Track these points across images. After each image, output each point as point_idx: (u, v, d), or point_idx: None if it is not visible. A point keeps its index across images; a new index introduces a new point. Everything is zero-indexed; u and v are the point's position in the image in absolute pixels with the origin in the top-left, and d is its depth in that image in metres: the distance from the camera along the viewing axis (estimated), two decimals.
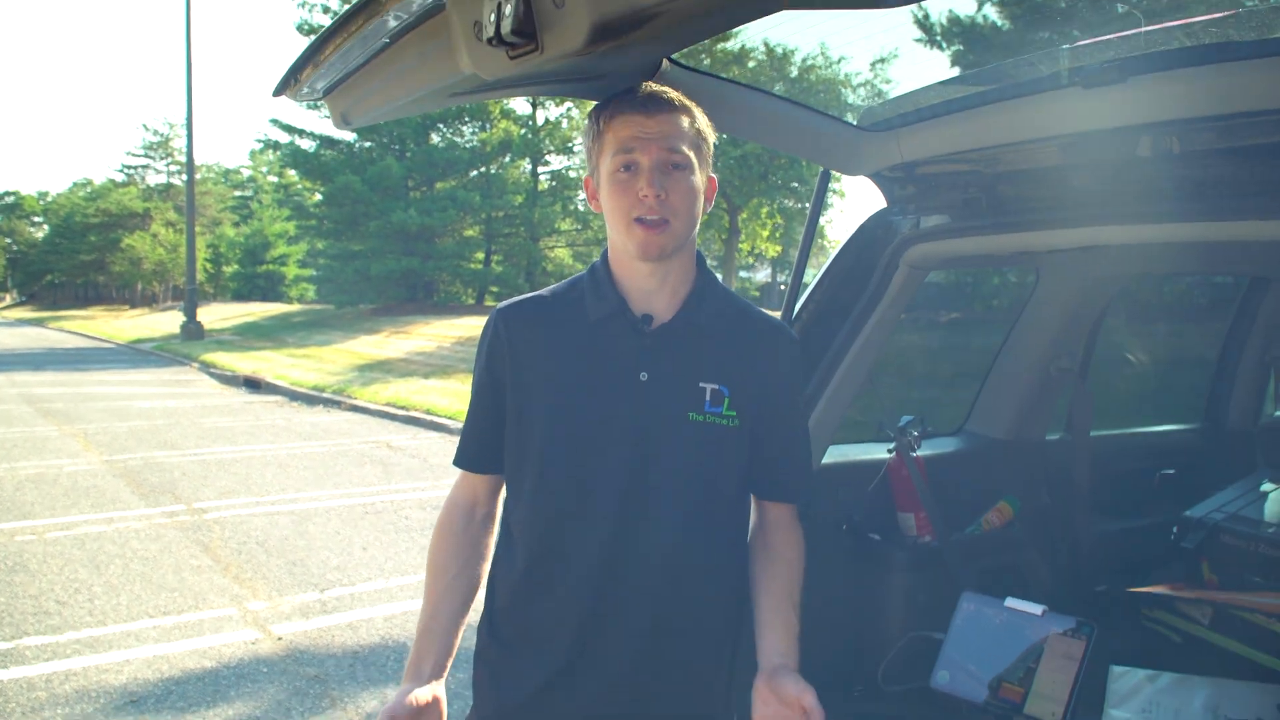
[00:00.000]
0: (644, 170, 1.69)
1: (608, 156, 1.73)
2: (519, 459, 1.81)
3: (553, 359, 1.78)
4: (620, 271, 1.81)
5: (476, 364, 1.87)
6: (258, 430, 13.00)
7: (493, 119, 35.53)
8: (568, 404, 1.76)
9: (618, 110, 1.73)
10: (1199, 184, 1.96)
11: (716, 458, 1.79)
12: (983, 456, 3.30)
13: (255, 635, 5.41)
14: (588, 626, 1.77)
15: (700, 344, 1.79)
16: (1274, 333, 4.00)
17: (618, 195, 1.72)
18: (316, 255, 41.44)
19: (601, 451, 1.74)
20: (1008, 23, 16.13)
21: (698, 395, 1.77)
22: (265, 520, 7.95)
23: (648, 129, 1.69)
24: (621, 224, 1.72)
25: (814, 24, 3.19)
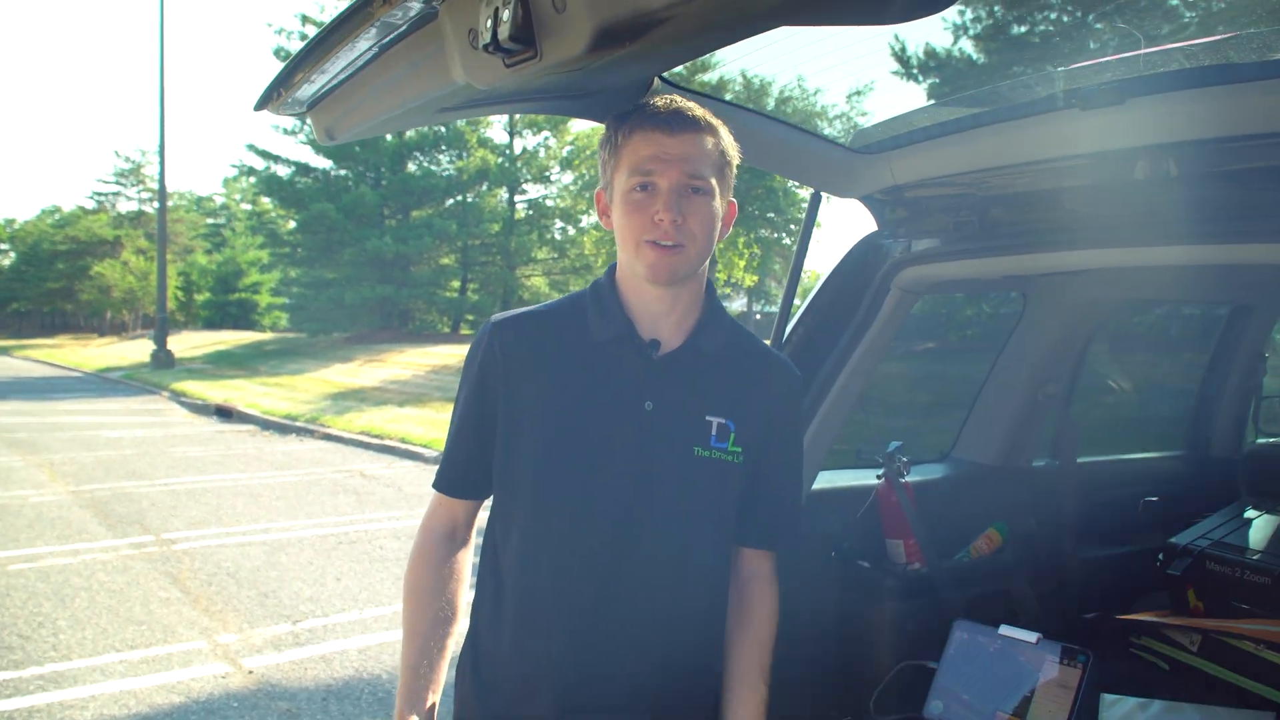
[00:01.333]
0: (662, 193, 1.61)
1: (624, 173, 1.64)
2: (509, 485, 1.72)
3: (551, 379, 1.69)
4: (628, 293, 1.72)
5: (464, 380, 1.77)
6: (229, 459, 12.83)
7: (470, 147, 35.60)
8: (566, 429, 1.67)
9: (638, 125, 1.63)
10: (1195, 207, 1.95)
11: (720, 495, 1.72)
12: (970, 483, 3.27)
13: (225, 669, 5.29)
14: (582, 671, 1.67)
15: (707, 375, 1.72)
16: (1255, 361, 4.01)
17: (631, 215, 1.63)
18: (290, 283, 41.19)
19: (600, 483, 1.66)
20: (983, 56, 16.33)
21: (704, 429, 1.70)
22: (236, 551, 7.82)
23: (669, 149, 1.60)
24: (631, 244, 1.64)
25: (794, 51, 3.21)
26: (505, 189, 37.34)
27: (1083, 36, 11.86)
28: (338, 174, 35.85)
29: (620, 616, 1.66)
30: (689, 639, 1.73)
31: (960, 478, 3.30)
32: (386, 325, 35.82)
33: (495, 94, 1.80)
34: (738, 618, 1.82)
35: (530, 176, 37.15)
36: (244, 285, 48.22)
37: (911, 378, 13.49)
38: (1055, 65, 2.10)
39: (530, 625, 1.69)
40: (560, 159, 36.06)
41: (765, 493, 1.80)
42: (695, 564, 1.71)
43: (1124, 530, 3.67)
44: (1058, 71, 1.95)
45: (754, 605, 1.83)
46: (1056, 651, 2.23)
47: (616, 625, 1.66)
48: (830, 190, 2.44)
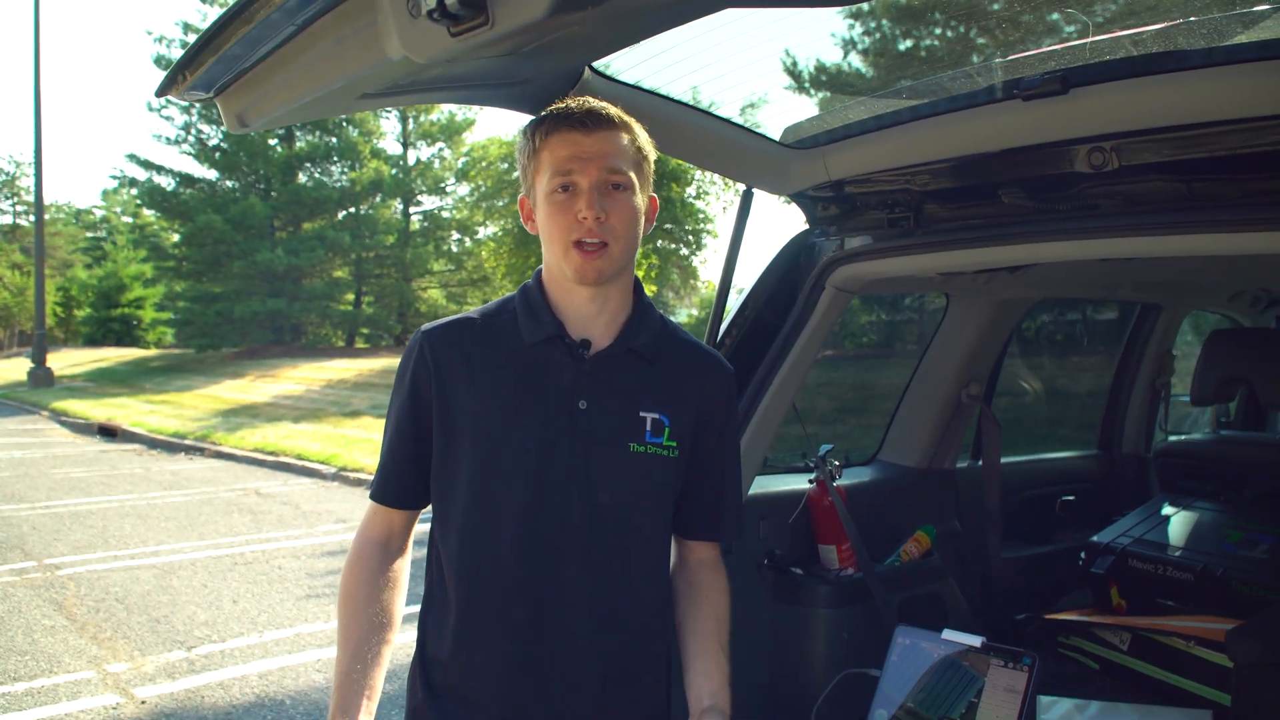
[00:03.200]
0: (583, 191, 1.60)
1: (544, 176, 1.63)
2: (447, 491, 1.69)
3: (484, 384, 1.67)
4: (556, 294, 1.72)
5: (396, 390, 1.73)
6: (114, 480, 12.27)
7: (363, 158, 34.94)
8: (501, 433, 1.65)
9: (555, 127, 1.63)
10: (1135, 200, 1.93)
11: (658, 490, 1.73)
12: (897, 485, 3.25)
13: (116, 699, 5.01)
14: (526, 673, 1.65)
15: (639, 372, 1.72)
16: (1162, 360, 4.10)
17: (555, 217, 1.62)
18: (175, 298, 39.67)
19: (537, 484, 1.64)
20: (872, 70, 16.62)
21: (638, 425, 1.70)
22: (125, 575, 7.44)
23: (586, 148, 1.60)
24: (559, 247, 1.63)
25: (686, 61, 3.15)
26: (400, 200, 36.77)
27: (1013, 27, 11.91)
28: (224, 185, 34.83)
29: (562, 618, 1.66)
30: (633, 636, 1.72)
31: (886, 481, 3.27)
32: (278, 340, 34.89)
33: (421, 80, 1.69)
34: (691, 600, 1.83)
35: (425, 188, 36.66)
36: (127, 300, 46.25)
37: (811, 386, 13.65)
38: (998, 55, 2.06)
39: (472, 631, 1.66)
40: (455, 170, 35.63)
41: (705, 485, 1.81)
42: (636, 560, 1.72)
43: (1044, 529, 3.70)
44: (998, 62, 1.92)
45: (705, 586, 1.84)
46: (1002, 655, 2.19)
47: (559, 626, 1.66)
48: (762, 186, 2.37)
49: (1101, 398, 4.20)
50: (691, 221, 24.49)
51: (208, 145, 34.36)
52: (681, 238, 25.42)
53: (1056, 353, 6.79)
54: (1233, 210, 1.83)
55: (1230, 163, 1.80)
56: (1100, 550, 3.12)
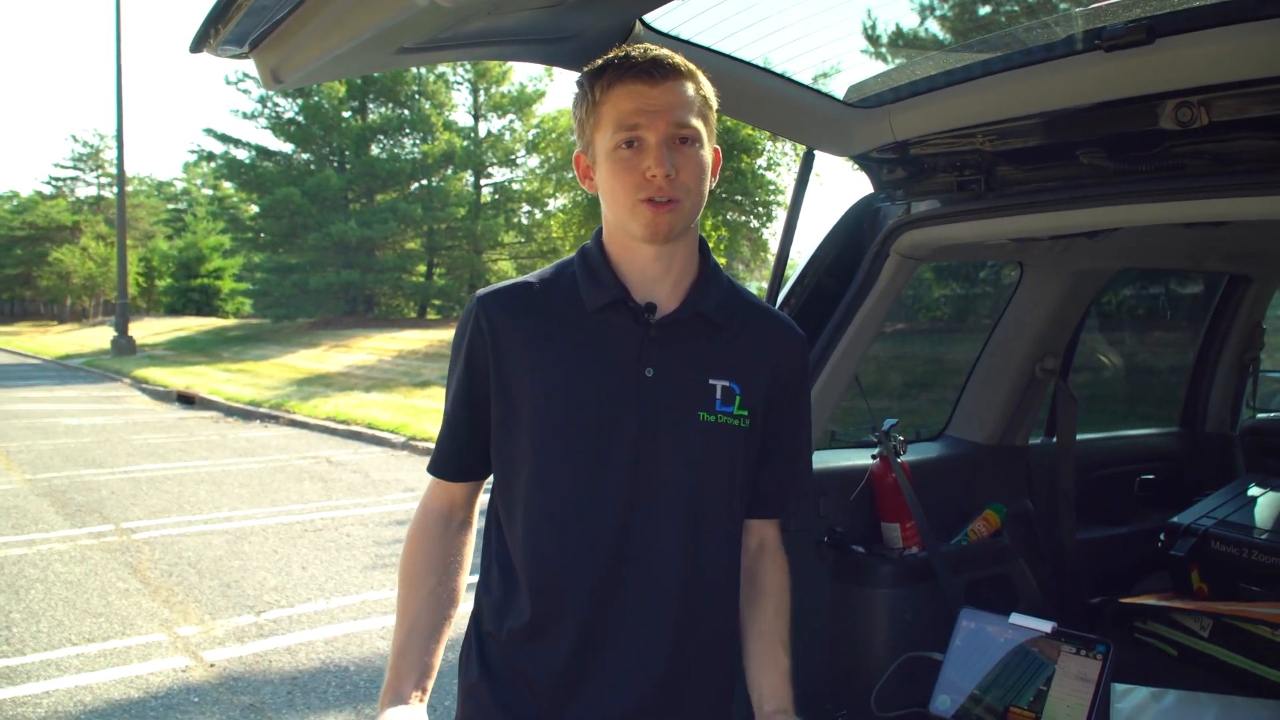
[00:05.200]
0: (650, 147, 1.50)
1: (606, 131, 1.53)
2: (508, 467, 1.62)
3: (545, 353, 1.58)
4: (619, 255, 1.61)
5: (453, 360, 1.67)
6: (191, 447, 12.56)
7: (435, 130, 35.23)
8: (565, 404, 1.57)
9: (617, 78, 1.51)
10: (1225, 158, 1.80)
11: (730, 462, 1.62)
12: (965, 462, 3.13)
13: (186, 662, 5.10)
14: (591, 658, 1.58)
15: (708, 337, 1.62)
16: (1251, 334, 3.90)
17: (621, 175, 1.52)
18: (253, 269, 40.58)
19: (604, 457, 1.56)
20: (943, 22, 16.21)
21: (708, 393, 1.60)
22: (198, 540, 7.59)
23: (653, 100, 1.50)
24: (625, 205, 1.53)
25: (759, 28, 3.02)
26: (471, 172, 37.02)
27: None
28: (300, 158, 35.38)
29: (630, 601, 1.58)
30: (704, 622, 1.63)
31: (955, 457, 3.15)
32: (352, 310, 35.44)
33: (463, 35, 1.62)
34: (751, 590, 1.73)
35: (496, 160, 36.85)
36: (206, 271, 47.37)
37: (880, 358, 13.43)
38: (1078, 3, 1.93)
39: (534, 612, 1.58)
40: (526, 142, 35.78)
41: (774, 458, 1.71)
42: (707, 539, 1.62)
43: (1121, 510, 3.55)
44: (1079, 10, 1.79)
45: (766, 575, 1.75)
46: (1074, 642, 2.08)
47: (627, 611, 1.58)
48: (825, 148, 2.27)
49: (1185, 373, 4.01)
50: (762, 193, 24.26)
51: (283, 119, 34.93)
52: (752, 210, 25.20)
53: (1137, 325, 6.53)
54: None
55: None
56: (1181, 532, 2.98)
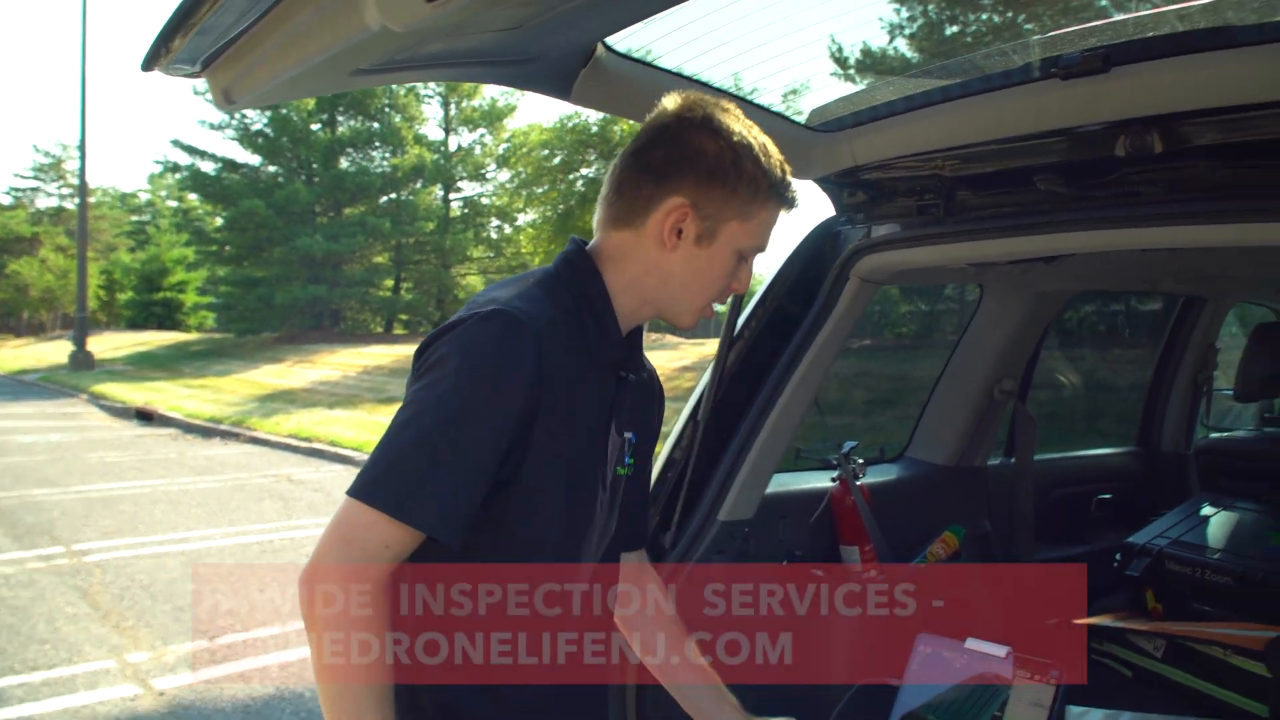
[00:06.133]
0: (749, 268, 1.56)
1: (743, 231, 1.49)
2: (522, 512, 1.45)
3: (575, 407, 1.46)
4: (622, 310, 1.54)
5: (489, 395, 1.36)
6: (148, 465, 12.36)
7: (405, 144, 35.08)
8: (579, 465, 1.50)
9: (785, 201, 1.53)
10: (1178, 186, 1.82)
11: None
12: (925, 483, 3.14)
13: (135, 690, 4.98)
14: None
15: (626, 388, 1.64)
16: (1204, 354, 3.95)
17: (721, 279, 1.53)
18: (217, 282, 40.10)
19: (590, 511, 1.54)
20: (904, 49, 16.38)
21: (621, 447, 1.63)
22: (152, 562, 7.45)
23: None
24: (698, 297, 1.53)
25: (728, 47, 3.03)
26: (440, 186, 36.89)
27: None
28: (267, 170, 35.12)
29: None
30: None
31: (914, 479, 3.17)
32: (317, 325, 35.14)
33: (421, 56, 1.60)
34: (661, 627, 1.82)
35: (466, 174, 36.76)
36: (169, 284, 46.74)
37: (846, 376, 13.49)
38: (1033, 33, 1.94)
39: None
40: (496, 157, 35.71)
41: (644, 497, 1.82)
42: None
43: (1079, 529, 3.58)
44: (1036, 39, 1.81)
45: (666, 607, 1.84)
46: (1028, 666, 2.08)
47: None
48: None
49: (1141, 392, 4.06)
50: None
51: (251, 131, 34.65)
52: None
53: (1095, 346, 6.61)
54: None
55: None
56: (1136, 552, 3.01)
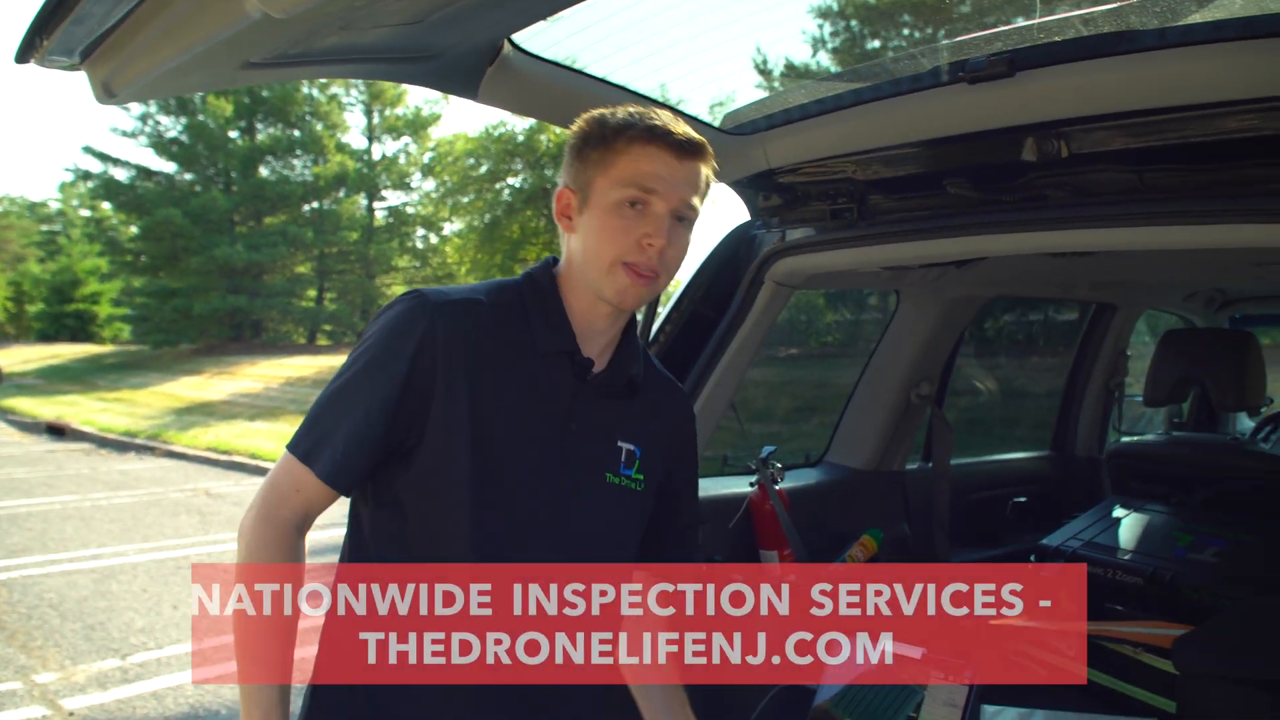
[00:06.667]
0: (656, 217, 1.49)
1: (615, 183, 1.49)
2: (429, 498, 1.50)
3: (491, 384, 1.50)
4: (574, 304, 1.57)
5: (383, 355, 1.50)
6: (58, 481, 11.97)
7: (327, 152, 34.55)
8: (500, 443, 1.50)
9: (648, 138, 1.49)
10: (1084, 190, 1.84)
11: (624, 521, 1.65)
12: (844, 488, 3.15)
13: (43, 712, 4.82)
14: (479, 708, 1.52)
15: (624, 399, 1.64)
16: (1116, 360, 4.04)
17: (615, 231, 1.49)
18: (132, 293, 39.06)
19: (526, 505, 1.52)
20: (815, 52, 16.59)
21: (615, 454, 1.62)
22: (61, 580, 7.21)
23: (675, 173, 1.49)
24: (605, 261, 1.50)
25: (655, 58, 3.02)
26: (364, 195, 36.41)
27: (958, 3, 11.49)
28: (183, 178, 34.33)
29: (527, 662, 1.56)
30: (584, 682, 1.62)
31: (833, 483, 3.17)
32: (237, 336, 34.41)
33: (316, 51, 1.55)
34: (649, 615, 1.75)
35: (390, 183, 36.33)
36: (82, 295, 45.47)
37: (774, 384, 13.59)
38: (942, 37, 1.95)
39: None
40: (421, 165, 35.39)
41: (672, 518, 1.75)
42: (595, 598, 1.61)
43: (995, 532, 3.62)
44: (944, 44, 1.82)
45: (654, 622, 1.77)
46: (942, 667, 2.09)
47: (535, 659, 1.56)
48: None
49: (1056, 398, 4.13)
50: None
51: (165, 138, 33.86)
52: None
53: (1011, 352, 6.75)
54: (1186, 202, 1.74)
55: (1184, 151, 1.71)
56: (1050, 553, 3.04)
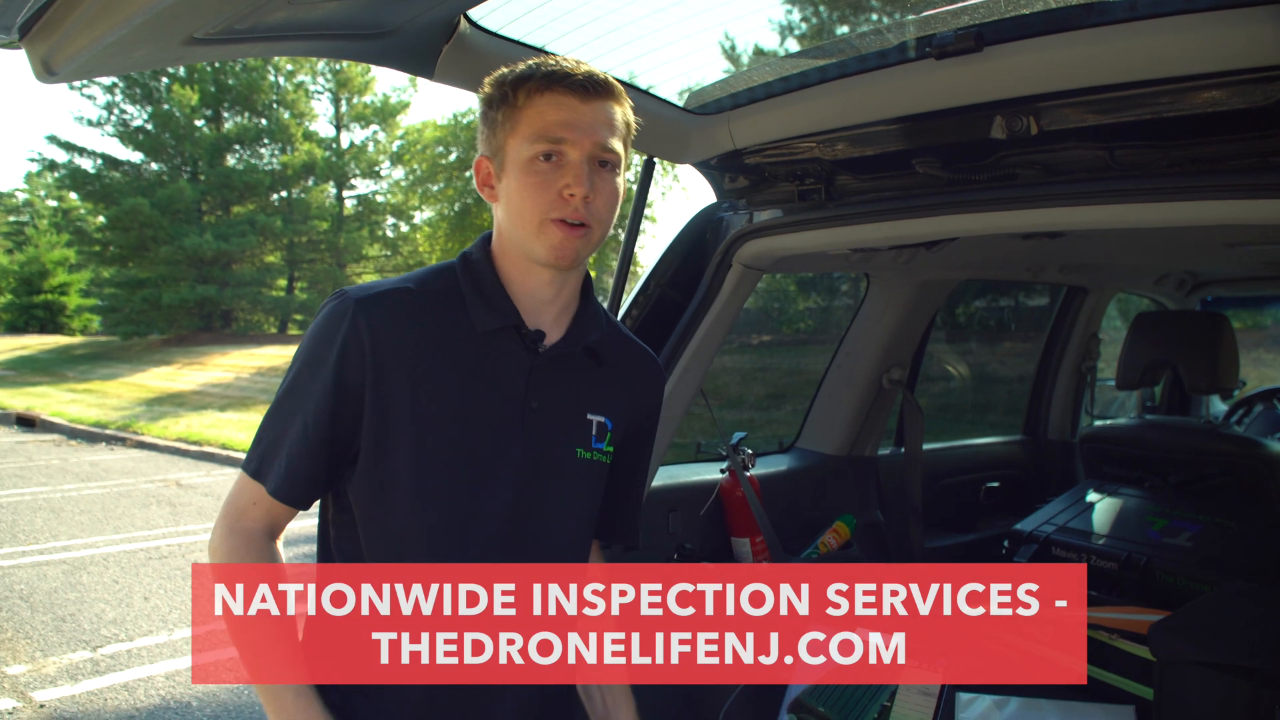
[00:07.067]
0: (572, 164, 1.43)
1: (524, 140, 1.43)
2: (374, 496, 1.47)
3: (429, 375, 1.45)
4: (511, 275, 1.52)
5: (311, 367, 1.46)
6: (28, 472, 11.80)
7: (294, 141, 34.21)
8: (449, 434, 1.45)
9: (547, 85, 1.43)
10: (1054, 168, 1.81)
11: (593, 497, 1.60)
12: (816, 474, 3.12)
13: (12, 704, 4.75)
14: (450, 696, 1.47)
15: (587, 370, 1.57)
16: (1087, 344, 4.03)
17: (534, 189, 1.43)
18: (101, 284, 38.61)
19: (484, 492, 1.46)
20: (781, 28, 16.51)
21: (585, 428, 1.56)
22: (31, 572, 7.11)
23: (582, 116, 1.43)
24: (532, 222, 1.44)
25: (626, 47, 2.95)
26: (333, 184, 36.09)
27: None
28: (150, 168, 33.91)
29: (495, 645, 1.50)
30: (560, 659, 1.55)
31: (805, 469, 3.15)
32: (208, 327, 34.08)
33: (264, 26, 1.49)
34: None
35: (359, 172, 36.00)
36: (50, 286, 44.84)
37: (747, 371, 13.59)
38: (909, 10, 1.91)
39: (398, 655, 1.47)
40: (390, 154, 35.10)
41: (628, 490, 1.71)
42: (563, 575, 1.54)
43: (968, 517, 3.61)
44: (910, 18, 1.77)
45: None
46: (918, 656, 2.06)
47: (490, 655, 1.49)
48: (663, 155, 2.22)
49: (1028, 383, 4.12)
50: (628, 205, 24.40)
51: (131, 126, 33.41)
52: (620, 224, 25.30)
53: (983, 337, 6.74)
54: (1158, 179, 1.71)
55: (1156, 127, 1.68)
56: (1023, 538, 3.03)
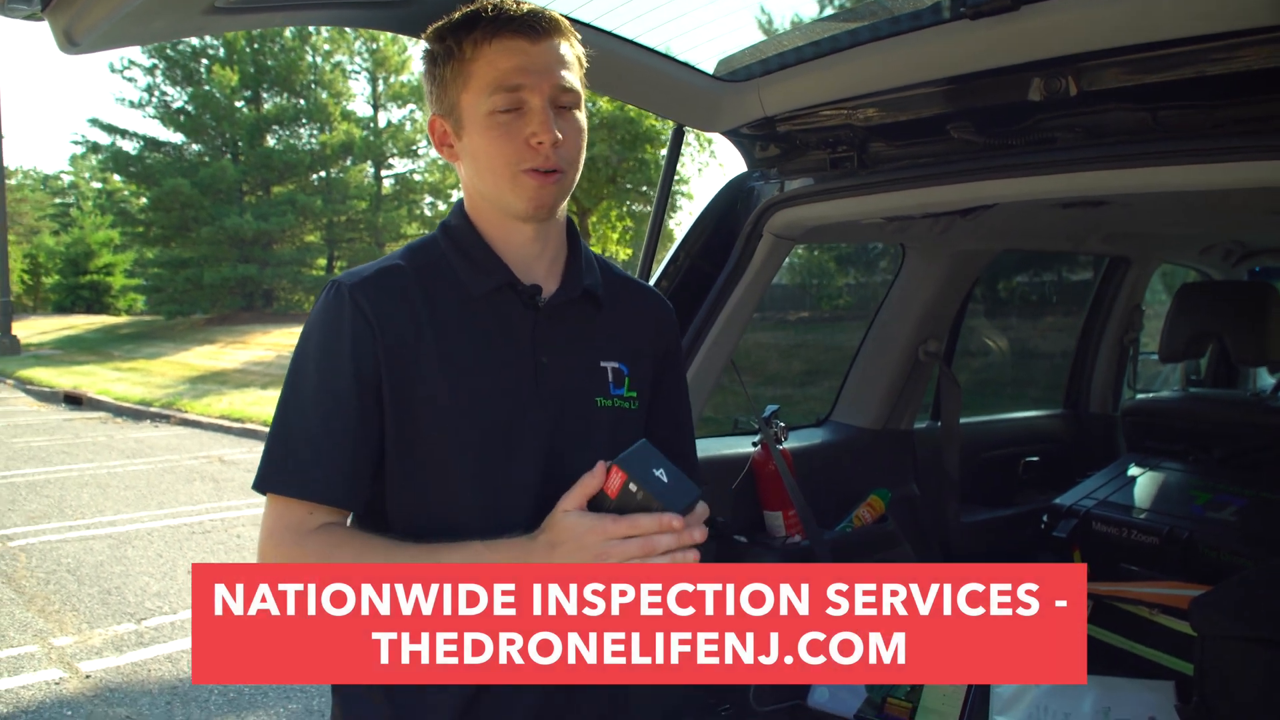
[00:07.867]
0: (535, 111, 1.36)
1: (480, 94, 1.37)
2: (405, 481, 1.42)
3: (434, 347, 1.40)
4: (493, 234, 1.47)
5: (323, 363, 1.40)
6: (75, 449, 12.01)
7: (333, 121, 34.42)
8: (469, 403, 1.40)
9: (494, 32, 1.36)
10: (1095, 130, 1.75)
11: (624, 446, 1.48)
12: (850, 448, 3.09)
13: (60, 674, 4.83)
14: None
15: (590, 317, 1.52)
16: (1130, 315, 3.95)
17: (500, 142, 1.37)
18: (145, 264, 39.16)
19: (512, 457, 1.41)
20: None
21: (600, 376, 1.50)
22: (78, 546, 7.23)
23: (535, 58, 1.36)
24: (505, 176, 1.39)
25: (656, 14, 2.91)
26: (371, 163, 36.32)
27: None
28: (191, 149, 34.26)
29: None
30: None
31: (839, 443, 3.11)
32: (249, 306, 34.49)
33: None
34: None
35: (397, 151, 36.21)
36: (96, 267, 45.50)
37: (784, 347, 13.52)
38: None
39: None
40: (427, 132, 35.23)
41: (677, 435, 1.64)
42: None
43: (1006, 492, 3.56)
44: None
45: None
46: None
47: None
48: (692, 123, 2.19)
49: (1068, 355, 4.05)
50: (657, 173, 24.24)
51: (172, 108, 33.76)
52: (649, 194, 25.18)
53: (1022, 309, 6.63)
54: (1202, 140, 1.65)
55: (1199, 86, 1.62)
56: (1063, 513, 2.99)
